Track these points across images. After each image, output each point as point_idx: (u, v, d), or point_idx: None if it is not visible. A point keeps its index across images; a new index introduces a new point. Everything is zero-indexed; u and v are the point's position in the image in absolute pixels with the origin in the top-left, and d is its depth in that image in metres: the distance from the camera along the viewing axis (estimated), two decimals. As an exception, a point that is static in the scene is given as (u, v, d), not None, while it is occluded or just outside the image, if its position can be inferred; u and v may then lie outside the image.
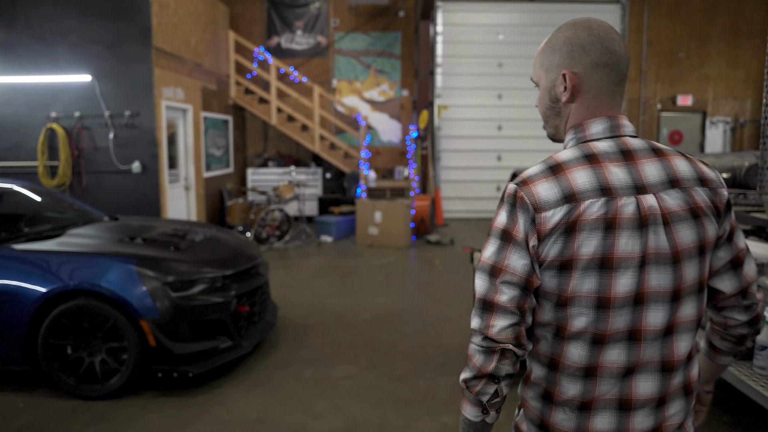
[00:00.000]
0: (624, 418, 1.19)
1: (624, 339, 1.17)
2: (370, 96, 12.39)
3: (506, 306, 1.16)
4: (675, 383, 1.21)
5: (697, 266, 1.19)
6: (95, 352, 3.85)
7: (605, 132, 1.22)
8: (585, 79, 1.22)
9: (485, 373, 1.17)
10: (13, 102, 7.78)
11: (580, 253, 1.13)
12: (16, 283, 3.80)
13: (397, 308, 5.80)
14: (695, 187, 1.20)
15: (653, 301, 1.16)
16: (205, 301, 3.97)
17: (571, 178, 1.15)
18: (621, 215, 1.13)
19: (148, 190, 7.85)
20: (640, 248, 1.14)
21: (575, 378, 1.19)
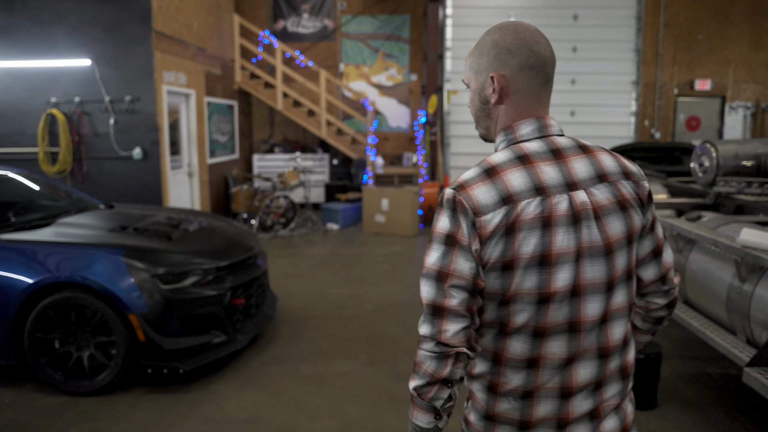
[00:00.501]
0: (564, 403, 1.24)
1: (564, 331, 1.20)
2: (378, 81, 12.14)
3: (457, 310, 1.18)
4: (611, 368, 1.26)
5: (626, 256, 1.24)
6: (83, 347, 3.71)
7: (534, 132, 1.26)
8: (512, 81, 1.25)
9: (439, 379, 1.19)
10: (12, 87, 7.64)
11: (520, 252, 1.16)
12: (1, 274, 3.66)
13: (402, 299, 5.62)
14: (621, 180, 1.25)
15: (589, 293, 1.20)
16: (198, 294, 3.81)
17: (506, 180, 1.18)
18: (556, 213, 1.17)
19: (150, 176, 7.70)
20: (575, 243, 1.18)
21: (518, 369, 1.22)
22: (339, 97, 12.04)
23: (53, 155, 7.63)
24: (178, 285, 3.76)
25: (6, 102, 7.68)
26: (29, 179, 5.10)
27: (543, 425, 1.25)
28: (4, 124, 7.73)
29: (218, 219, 5.10)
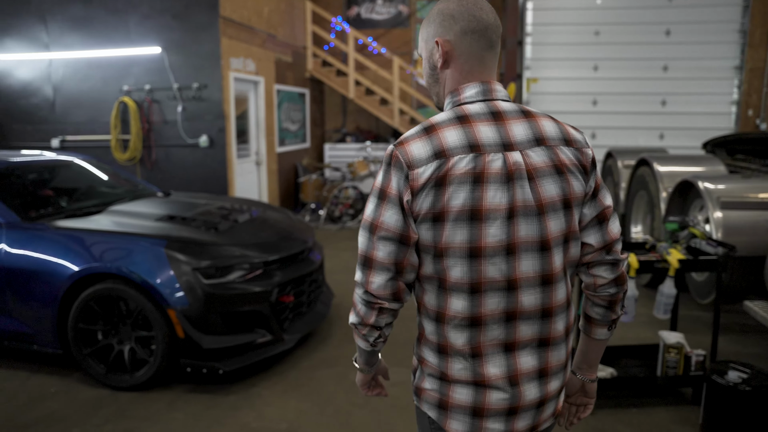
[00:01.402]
0: (511, 359, 1.27)
1: (502, 288, 1.24)
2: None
3: (383, 262, 1.25)
4: (557, 328, 1.30)
5: (562, 219, 1.26)
6: (125, 340, 3.56)
7: (478, 95, 1.29)
8: (456, 46, 1.29)
9: (367, 323, 1.30)
10: (89, 77, 7.79)
11: (450, 205, 1.20)
12: (47, 262, 3.57)
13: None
14: (560, 146, 1.27)
15: (524, 251, 1.24)
16: (242, 290, 3.56)
17: (441, 137, 1.22)
18: (488, 170, 1.20)
19: (215, 164, 7.63)
20: (508, 200, 1.21)
21: (461, 328, 1.26)
22: (413, 86, 11.64)
23: (125, 142, 7.72)
24: (222, 280, 3.52)
25: (84, 91, 7.84)
26: (94, 166, 5.08)
27: (497, 383, 1.28)
28: (83, 112, 7.91)
29: (274, 210, 4.87)
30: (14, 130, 8.23)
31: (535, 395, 1.30)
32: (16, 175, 4.38)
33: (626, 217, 6.21)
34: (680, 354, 3.20)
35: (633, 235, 6.10)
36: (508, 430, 1.31)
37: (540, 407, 1.32)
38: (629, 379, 3.28)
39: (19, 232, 3.70)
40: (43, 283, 3.57)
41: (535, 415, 1.32)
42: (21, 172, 4.43)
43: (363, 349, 1.40)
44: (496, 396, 1.28)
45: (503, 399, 1.28)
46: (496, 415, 1.29)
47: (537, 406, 1.32)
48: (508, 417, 1.30)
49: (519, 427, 1.31)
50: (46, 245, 3.61)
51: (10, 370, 3.87)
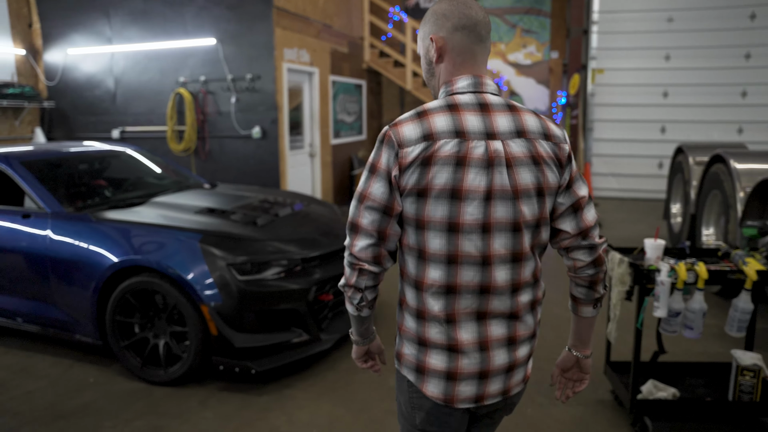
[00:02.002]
0: (483, 327, 1.41)
1: (477, 263, 1.37)
2: (515, 59, 11.21)
3: (366, 228, 1.39)
4: (523, 301, 1.44)
5: (535, 205, 1.39)
6: (160, 334, 3.51)
7: (469, 87, 1.41)
8: (449, 41, 1.42)
9: (350, 285, 1.45)
10: (148, 69, 7.91)
11: (433, 183, 1.33)
12: (86, 253, 3.56)
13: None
14: (540, 139, 1.39)
15: (497, 230, 1.37)
16: (278, 287, 3.43)
17: (431, 122, 1.35)
18: (471, 155, 1.33)
19: (268, 156, 7.60)
20: (486, 184, 1.34)
21: (438, 295, 1.39)
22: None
23: (180, 133, 7.81)
24: (257, 276, 3.41)
25: (143, 82, 7.98)
26: (145, 157, 5.10)
27: (469, 349, 1.40)
28: (141, 103, 8.05)
29: (319, 204, 4.74)
30: (79, 122, 8.48)
31: (503, 360, 1.43)
32: (66, 165, 4.42)
33: (696, 218, 5.73)
34: (757, 378, 2.84)
35: (704, 238, 5.61)
36: (479, 393, 1.44)
37: (509, 372, 1.46)
38: (694, 402, 2.94)
39: (63, 222, 3.72)
40: (83, 274, 3.57)
41: (505, 380, 1.45)
42: (71, 163, 4.48)
43: (352, 314, 1.53)
44: (467, 360, 1.41)
45: (474, 363, 1.41)
46: (468, 378, 1.42)
47: (506, 371, 1.45)
48: (480, 381, 1.43)
49: (490, 390, 1.44)
50: (87, 236, 3.60)
51: (57, 358, 3.91)
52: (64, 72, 8.42)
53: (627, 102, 10.25)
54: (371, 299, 1.47)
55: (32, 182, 3.93)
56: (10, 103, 7.92)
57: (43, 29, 8.43)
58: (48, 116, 8.62)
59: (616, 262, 2.91)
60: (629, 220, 8.56)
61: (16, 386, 3.55)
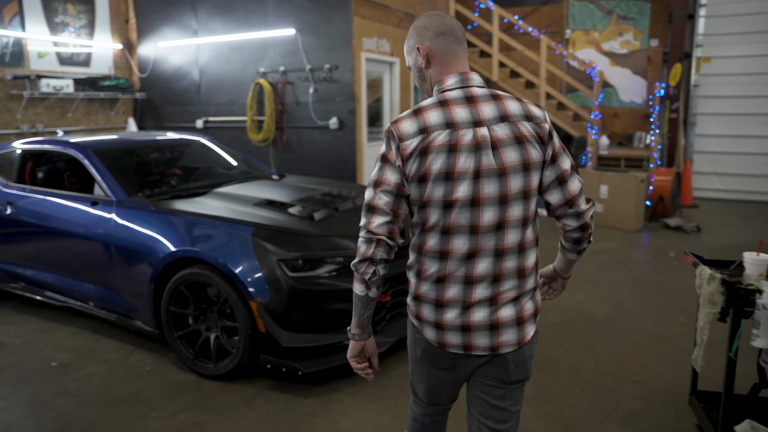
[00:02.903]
0: (468, 289, 1.63)
1: (466, 232, 1.59)
2: (610, 47, 10.47)
3: (382, 208, 1.61)
4: (507, 266, 1.63)
5: (521, 179, 1.58)
6: (212, 328, 3.46)
7: (457, 84, 1.64)
8: (433, 47, 1.66)
9: (366, 258, 1.61)
10: (230, 60, 8.05)
11: (431, 169, 1.56)
12: (144, 242, 3.57)
13: (599, 312, 4.49)
14: (522, 121, 1.59)
15: (486, 204, 1.57)
16: (331, 285, 3.27)
17: (425, 117, 1.59)
18: (461, 142, 1.55)
19: (345, 147, 7.51)
20: (474, 165, 1.55)
21: (434, 259, 1.63)
22: (562, 68, 10.69)
23: (259, 123, 7.88)
24: (309, 273, 3.27)
25: (225, 73, 8.12)
26: (218, 147, 5.13)
27: (452, 305, 1.65)
28: (223, 94, 8.21)
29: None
30: (167, 112, 8.79)
31: (482, 318, 1.63)
32: (137, 155, 4.50)
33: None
34: None
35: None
36: (466, 343, 1.66)
37: (494, 330, 1.65)
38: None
39: (125, 210, 3.76)
40: (141, 263, 3.58)
41: (491, 336, 1.65)
42: (142, 152, 4.55)
43: (358, 295, 1.69)
44: (450, 315, 1.65)
45: (455, 317, 1.65)
46: (453, 329, 1.66)
47: (488, 327, 1.64)
48: (464, 333, 1.65)
49: (477, 343, 1.65)
50: (146, 225, 3.61)
51: (120, 343, 3.98)
52: (154, 64, 8.75)
53: (735, 94, 9.28)
54: (381, 275, 1.65)
55: (102, 170, 4.00)
56: (107, 94, 8.32)
57: (138, 24, 8.79)
58: (140, 107, 9.00)
59: (706, 279, 2.49)
60: (733, 225, 7.74)
61: (80, 368, 3.63)
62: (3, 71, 7.37)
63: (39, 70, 7.74)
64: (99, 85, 8.23)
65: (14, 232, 4.34)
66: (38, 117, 7.80)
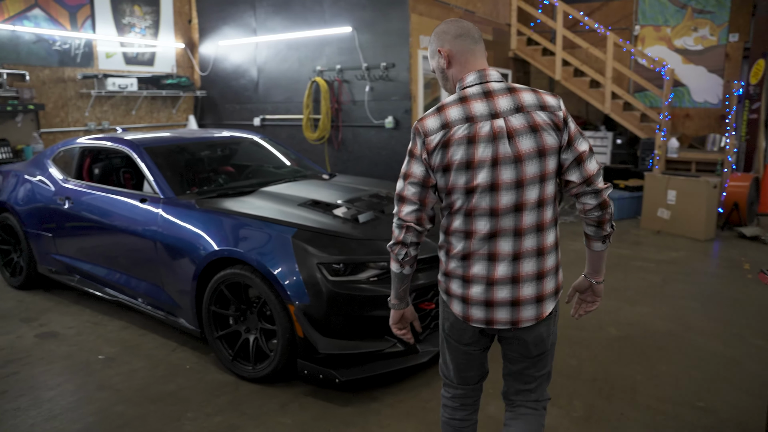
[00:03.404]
0: (491, 267, 1.78)
1: (487, 214, 1.75)
2: (683, 44, 9.87)
3: (410, 198, 1.80)
4: (527, 246, 1.77)
5: (537, 164, 1.72)
6: (252, 329, 3.40)
7: (476, 80, 1.79)
8: (452, 48, 1.83)
9: (399, 241, 1.84)
10: (288, 58, 8.07)
11: (453, 159, 1.73)
12: (187, 240, 3.56)
13: (661, 328, 4.17)
14: (536, 110, 1.73)
15: (504, 189, 1.72)
16: (372, 291, 3.15)
17: (447, 114, 1.75)
18: (479, 134, 1.71)
19: (400, 147, 7.38)
20: (492, 154, 1.71)
21: (459, 239, 1.80)
22: (630, 66, 10.18)
23: (315, 122, 7.86)
24: (350, 278, 3.15)
25: (283, 71, 8.16)
26: (270, 145, 5.11)
27: (477, 281, 1.81)
28: (280, 92, 8.25)
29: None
30: (227, 110, 8.92)
31: (505, 295, 1.78)
32: (188, 152, 4.52)
33: None
34: None
35: None
36: (488, 317, 1.81)
37: (515, 306, 1.79)
38: None
39: (171, 207, 3.76)
40: (184, 261, 3.57)
41: (512, 312, 1.79)
42: (193, 150, 4.57)
43: (394, 272, 1.91)
44: (475, 290, 1.80)
45: (480, 293, 1.80)
46: (477, 304, 1.81)
47: (510, 304, 1.79)
48: (487, 307, 1.80)
49: (498, 317, 1.80)
50: (190, 223, 3.60)
51: (165, 339, 4.01)
52: (215, 63, 8.90)
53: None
54: (413, 255, 1.86)
55: (151, 168, 4.03)
56: (168, 92, 8.53)
57: (200, 24, 8.97)
58: (200, 104, 9.18)
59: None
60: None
61: (124, 362, 3.67)
62: (74, 71, 7.67)
63: (106, 69, 8.01)
64: (161, 84, 8.45)
65: (71, 226, 4.45)
66: (104, 114, 8.07)
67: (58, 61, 7.49)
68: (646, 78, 9.54)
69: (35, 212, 4.73)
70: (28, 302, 4.79)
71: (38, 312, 4.57)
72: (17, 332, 4.18)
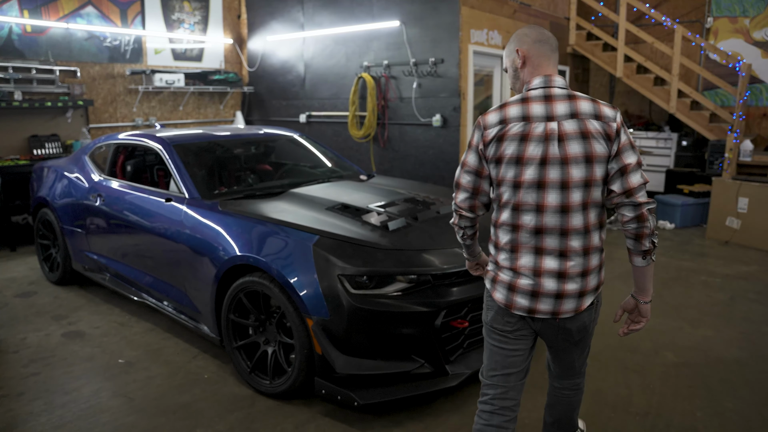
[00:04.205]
0: (538, 260, 1.91)
1: (533, 210, 1.88)
2: (763, 36, 9.08)
3: (465, 186, 2.00)
4: (573, 245, 1.89)
5: (583, 169, 1.84)
6: (271, 341, 3.19)
7: (541, 84, 1.93)
8: (530, 51, 1.97)
9: (455, 224, 2.11)
10: (335, 53, 7.87)
11: (505, 153, 1.88)
12: (209, 243, 3.38)
13: (728, 356, 3.71)
14: (590, 119, 1.85)
15: (550, 188, 1.86)
16: (399, 307, 2.87)
17: (507, 111, 1.90)
18: (532, 133, 1.85)
19: (447, 146, 7.06)
20: (542, 153, 1.84)
21: (507, 231, 1.95)
22: (700, 62, 9.46)
23: (361, 119, 7.63)
24: (374, 291, 2.89)
25: (330, 67, 7.96)
26: (309, 143, 4.92)
27: (525, 272, 1.94)
28: (327, 88, 8.06)
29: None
30: (273, 106, 8.82)
31: (551, 287, 1.92)
32: (219, 151, 4.37)
33: None
34: None
35: None
36: (531, 306, 1.95)
37: (558, 299, 1.93)
38: None
39: (195, 208, 3.60)
40: (205, 265, 3.41)
41: (554, 304, 1.94)
42: (225, 149, 4.41)
43: (460, 241, 2.20)
44: (523, 281, 1.95)
45: (527, 284, 1.94)
46: (523, 293, 1.95)
47: (554, 296, 1.93)
48: (532, 297, 1.94)
49: (540, 308, 1.95)
50: (212, 225, 3.43)
51: (187, 345, 3.87)
52: (263, 58, 8.80)
53: None
54: (470, 234, 2.12)
55: (178, 166, 3.89)
56: (216, 88, 8.49)
57: (249, 19, 8.89)
58: (247, 100, 9.12)
59: None
60: None
61: (143, 368, 3.54)
62: (123, 67, 7.72)
63: (155, 65, 8.03)
64: (209, 80, 8.41)
65: (102, 224, 4.38)
66: (152, 110, 8.10)
67: (108, 57, 7.55)
68: (718, 74, 8.83)
69: (70, 208, 4.69)
70: (62, 299, 4.77)
71: (70, 309, 4.52)
72: (47, 329, 4.14)
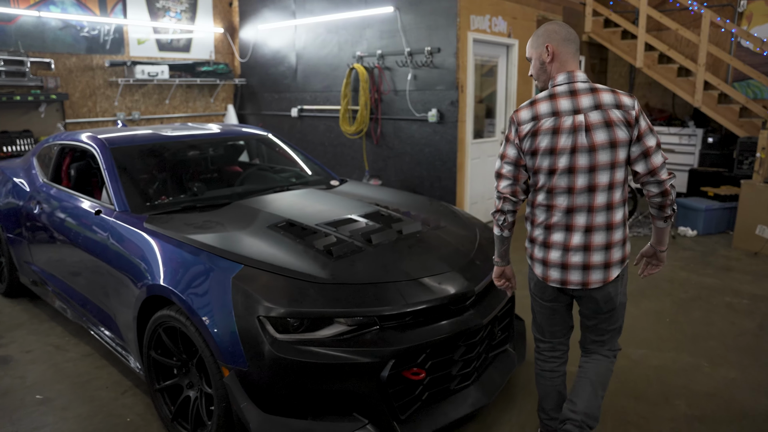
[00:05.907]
0: (568, 236, 2.23)
1: (565, 192, 2.19)
2: (801, 24, 8.27)
3: (506, 174, 2.28)
4: (598, 220, 2.19)
5: (608, 154, 2.13)
6: (195, 385, 2.69)
7: (565, 80, 2.20)
8: (559, 48, 2.21)
9: (498, 209, 2.32)
10: (327, 42, 7.33)
11: (540, 146, 2.18)
12: (129, 267, 2.89)
13: (755, 405, 3.10)
14: (612, 109, 2.13)
15: (579, 172, 2.15)
16: (334, 358, 2.32)
17: (538, 107, 2.20)
18: (562, 126, 2.14)
19: (444, 144, 6.48)
20: (572, 143, 2.13)
21: (542, 211, 2.27)
22: (731, 50, 8.68)
23: (353, 113, 7.09)
24: (305, 336, 2.35)
25: (322, 57, 7.43)
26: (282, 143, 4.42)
27: (555, 247, 2.26)
28: (319, 80, 7.53)
29: (457, 224, 3.45)
30: (265, 99, 8.33)
31: (578, 260, 2.23)
32: (167, 154, 3.86)
33: None
34: None
35: None
36: (563, 278, 2.28)
37: (586, 270, 2.23)
38: None
39: (121, 224, 3.11)
40: (126, 292, 2.92)
41: (583, 275, 2.24)
42: (174, 152, 3.91)
43: (497, 236, 2.40)
44: (554, 255, 2.27)
45: (558, 257, 2.26)
46: (555, 266, 2.28)
47: (581, 268, 2.23)
48: (562, 269, 2.27)
49: (571, 279, 2.26)
50: (133, 245, 2.94)
51: (120, 377, 3.39)
52: (254, 49, 8.30)
53: None
54: (511, 221, 2.34)
55: (111, 172, 3.41)
56: (204, 80, 8.02)
57: (240, 6, 8.38)
58: (240, 93, 8.63)
59: None
60: None
61: (60, 407, 3.08)
62: (103, 59, 7.28)
63: (138, 56, 7.58)
64: (196, 71, 7.94)
65: (43, 234, 3.92)
66: (135, 104, 7.66)
67: (86, 48, 7.11)
68: (751, 64, 8.04)
69: (13, 215, 4.26)
70: (4, 314, 4.34)
71: (7, 328, 4.09)
72: (-25, 353, 3.71)
